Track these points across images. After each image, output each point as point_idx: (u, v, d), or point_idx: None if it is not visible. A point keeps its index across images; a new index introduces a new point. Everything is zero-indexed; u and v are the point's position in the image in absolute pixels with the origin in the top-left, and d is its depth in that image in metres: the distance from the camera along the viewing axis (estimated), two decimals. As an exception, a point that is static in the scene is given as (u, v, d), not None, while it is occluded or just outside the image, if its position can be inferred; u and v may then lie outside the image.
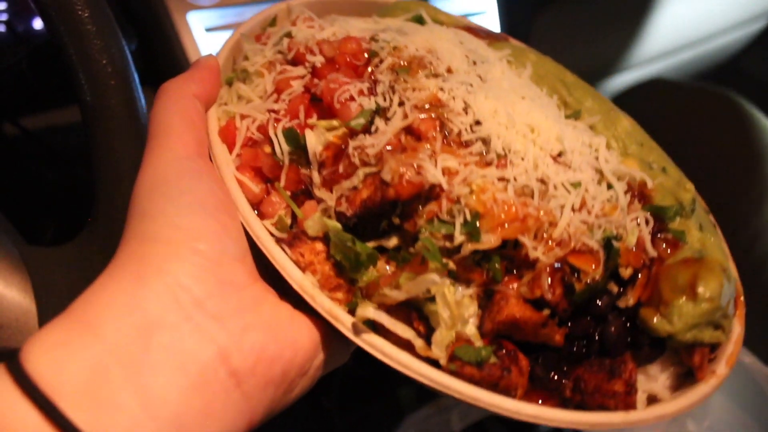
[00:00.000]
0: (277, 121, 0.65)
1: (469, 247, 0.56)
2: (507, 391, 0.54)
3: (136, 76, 0.73)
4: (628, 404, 0.55)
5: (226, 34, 1.18)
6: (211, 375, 0.49)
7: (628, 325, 0.59)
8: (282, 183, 0.63)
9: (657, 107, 1.40)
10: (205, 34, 1.19)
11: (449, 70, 0.67)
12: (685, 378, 0.60)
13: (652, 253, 0.61)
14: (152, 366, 0.47)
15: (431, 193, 0.57)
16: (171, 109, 0.61)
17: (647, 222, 0.63)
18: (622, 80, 1.89)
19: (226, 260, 0.54)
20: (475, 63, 0.71)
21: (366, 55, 0.68)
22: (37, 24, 1.16)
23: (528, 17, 1.55)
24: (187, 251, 0.52)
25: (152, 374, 0.47)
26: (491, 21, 1.46)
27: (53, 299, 0.68)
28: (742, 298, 0.64)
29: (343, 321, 0.55)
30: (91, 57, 0.68)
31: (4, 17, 1.14)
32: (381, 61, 0.67)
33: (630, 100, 1.46)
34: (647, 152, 0.72)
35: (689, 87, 1.48)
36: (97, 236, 0.72)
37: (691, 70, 2.13)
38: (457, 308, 0.55)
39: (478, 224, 0.56)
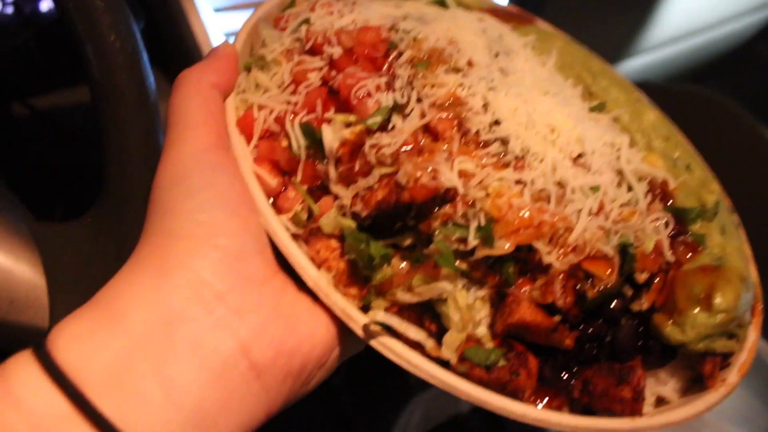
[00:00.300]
0: (295, 113, 0.64)
1: (482, 252, 0.56)
2: (515, 393, 0.55)
3: (145, 53, 0.72)
4: (635, 410, 0.56)
5: (233, 15, 1.17)
6: (232, 367, 0.51)
7: (641, 329, 0.59)
8: (299, 178, 0.63)
9: None
10: (213, 14, 1.18)
11: (470, 64, 0.66)
12: (696, 381, 0.61)
13: (670, 258, 0.60)
14: (175, 358, 0.49)
15: (447, 195, 0.57)
16: (190, 101, 0.62)
17: (667, 224, 0.62)
18: (634, 64, 1.85)
19: (246, 255, 0.55)
20: (497, 55, 0.69)
21: (385, 46, 0.67)
22: (44, 5, 1.17)
23: (537, 3, 1.51)
24: (207, 247, 0.53)
25: (176, 366, 0.48)
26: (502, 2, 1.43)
27: (62, 274, 0.70)
28: (760, 306, 0.63)
29: (356, 320, 0.56)
30: (99, 33, 0.67)
31: None
32: (400, 54, 0.66)
33: None
34: (673, 147, 0.70)
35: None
36: (106, 212, 0.73)
37: (704, 54, 2.06)
38: (468, 312, 0.56)
39: (492, 230, 0.56)
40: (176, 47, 1.17)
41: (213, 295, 0.52)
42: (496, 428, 1.20)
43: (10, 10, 1.13)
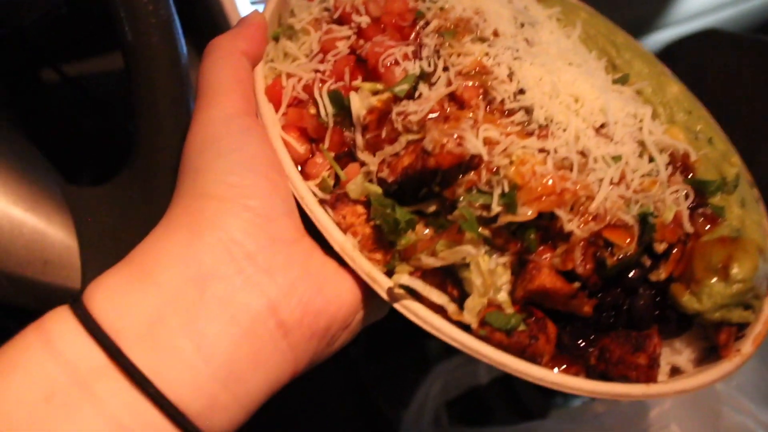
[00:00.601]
0: (323, 81, 0.66)
1: (505, 219, 0.57)
2: (533, 358, 0.57)
3: (176, 15, 0.73)
4: (650, 377, 0.57)
5: None
6: (261, 325, 0.53)
7: (658, 299, 0.61)
8: (326, 145, 0.64)
9: (711, 61, 1.34)
10: None
11: (495, 34, 0.67)
12: (710, 352, 0.62)
13: (689, 229, 0.61)
14: (206, 314, 0.51)
15: (471, 162, 0.58)
16: (220, 67, 0.63)
17: (687, 196, 0.63)
18: (668, 35, 1.81)
19: (275, 216, 0.56)
20: (522, 25, 0.70)
21: (412, 15, 0.68)
22: None
23: None
24: (238, 207, 0.55)
25: (206, 322, 0.50)
26: None
27: (94, 236, 0.72)
28: (777, 277, 0.64)
29: (380, 283, 0.58)
30: None
31: None
32: (427, 23, 0.66)
33: (681, 53, 1.40)
34: (695, 121, 0.71)
35: (747, 39, 1.40)
36: (137, 176, 0.74)
37: (740, 24, 2.02)
38: (490, 277, 0.58)
39: (515, 196, 0.57)
40: (204, 14, 1.17)
41: (243, 255, 0.53)
42: (513, 399, 1.22)
43: None
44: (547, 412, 1.23)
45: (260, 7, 1.16)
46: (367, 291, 0.60)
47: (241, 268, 0.53)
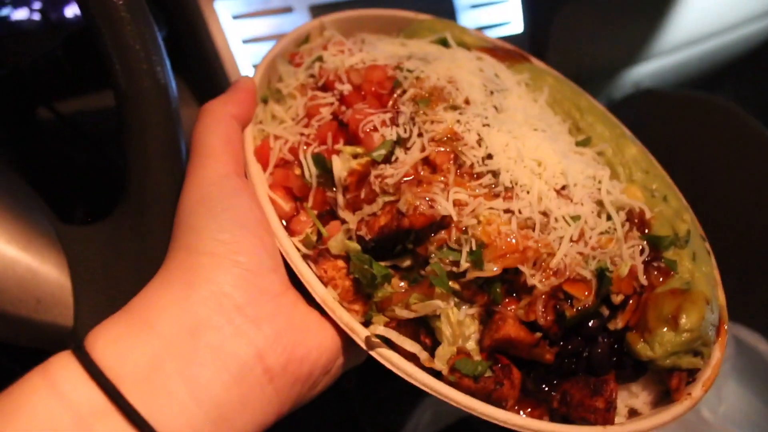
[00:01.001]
0: (307, 144, 0.71)
1: (473, 274, 0.62)
2: (499, 402, 0.62)
3: (167, 60, 0.76)
4: (607, 419, 0.62)
5: (252, 22, 1.23)
6: (249, 371, 0.57)
7: (615, 346, 0.66)
8: (310, 204, 0.70)
9: (648, 119, 1.43)
10: (232, 21, 1.23)
11: (467, 102, 0.73)
12: (665, 395, 0.67)
13: (644, 281, 0.66)
14: (200, 361, 0.55)
15: (442, 222, 0.64)
16: (212, 130, 0.69)
17: (642, 251, 0.68)
18: (646, 69, 1.89)
19: (263, 271, 0.62)
20: (492, 93, 0.76)
21: (390, 84, 0.74)
22: (69, 12, 1.21)
23: (551, 5, 1.57)
24: (229, 263, 0.60)
25: (200, 368, 0.55)
26: (514, 9, 1.49)
27: (86, 274, 0.73)
28: (725, 326, 0.69)
29: (358, 333, 0.63)
30: (124, 42, 0.70)
31: (38, 6, 1.19)
32: (404, 92, 0.72)
33: (623, 111, 1.50)
34: (651, 180, 0.77)
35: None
36: (128, 215, 0.76)
37: (718, 59, 2.10)
38: (459, 327, 0.63)
39: (482, 254, 0.62)
40: (196, 54, 1.21)
41: (233, 306, 0.58)
42: (503, 430, 1.25)
43: (37, 17, 1.18)
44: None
45: (251, 46, 1.21)
46: (346, 339, 0.65)
47: (230, 318, 0.58)
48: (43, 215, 0.76)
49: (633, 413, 0.66)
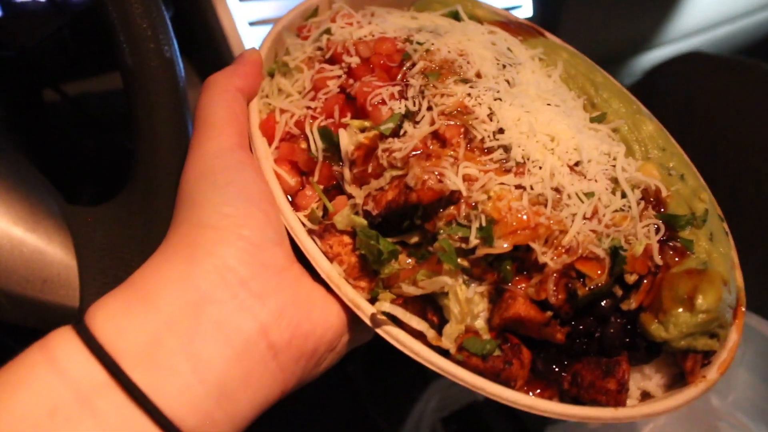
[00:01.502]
0: (314, 118, 0.70)
1: (482, 251, 0.60)
2: (507, 382, 0.60)
3: (175, 40, 0.76)
4: (619, 401, 0.60)
5: (258, 4, 1.21)
6: (253, 347, 0.56)
7: (628, 327, 0.64)
8: (316, 178, 0.68)
9: (694, 81, 1.38)
10: (238, 3, 1.22)
11: (478, 75, 0.71)
12: (679, 378, 0.65)
13: (659, 261, 0.64)
14: (202, 336, 0.54)
15: (452, 197, 0.62)
16: (216, 103, 0.67)
17: (658, 230, 0.66)
18: (659, 54, 1.85)
19: (267, 245, 0.60)
20: (504, 66, 0.74)
21: (400, 57, 0.72)
22: None
23: None
24: (233, 236, 0.58)
25: (202, 343, 0.54)
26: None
27: (93, 255, 0.73)
28: (743, 308, 0.67)
29: (363, 309, 0.61)
30: (131, 21, 0.70)
31: None
32: (413, 65, 0.70)
33: (666, 75, 1.44)
34: (668, 157, 0.74)
35: (728, 60, 1.44)
36: (135, 196, 0.76)
37: (730, 44, 2.05)
38: (467, 305, 0.61)
39: (492, 230, 0.60)
40: (203, 35, 1.20)
41: (237, 281, 0.57)
42: (510, 416, 1.24)
43: None
44: (544, 429, 1.25)
45: (258, 28, 1.20)
46: (352, 316, 0.64)
47: (234, 293, 0.57)
48: (50, 196, 0.76)
49: (646, 396, 0.65)
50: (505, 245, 0.60)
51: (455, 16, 0.83)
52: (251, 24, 1.23)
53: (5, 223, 0.69)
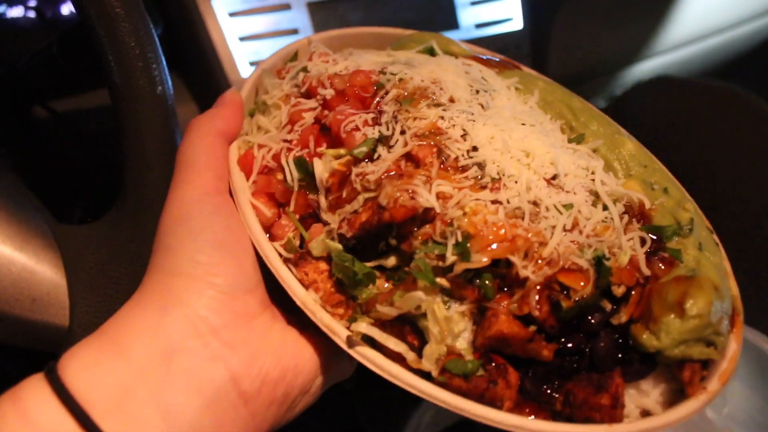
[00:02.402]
0: (290, 150, 0.70)
1: (460, 267, 0.59)
2: (493, 402, 0.57)
3: (163, 58, 0.76)
4: (614, 417, 0.57)
5: (248, 19, 1.24)
6: (223, 396, 0.56)
7: (620, 341, 0.61)
8: (291, 207, 0.68)
9: (663, 105, 1.38)
10: (228, 18, 1.25)
11: (451, 100, 0.71)
12: (679, 394, 0.61)
13: (646, 271, 0.62)
14: (173, 386, 0.54)
15: (426, 215, 0.61)
16: (197, 146, 0.68)
17: (643, 242, 0.64)
18: (650, 66, 1.86)
19: (239, 293, 0.60)
20: (478, 92, 0.74)
21: (374, 87, 0.73)
22: (65, 10, 1.24)
23: (552, 2, 1.56)
24: (204, 285, 0.58)
25: (172, 393, 0.53)
26: (515, 5, 1.50)
27: (82, 274, 0.73)
28: (740, 317, 0.64)
29: (339, 334, 0.59)
30: (119, 39, 0.70)
31: (33, 3, 1.23)
32: (387, 93, 0.71)
33: (633, 99, 1.45)
34: (650, 173, 0.73)
35: (695, 83, 1.45)
36: (125, 215, 0.76)
37: (720, 55, 2.06)
38: (447, 324, 0.59)
39: (468, 245, 0.59)
40: (193, 50, 1.23)
41: (208, 330, 0.57)
42: None
43: (32, 14, 1.21)
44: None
45: (248, 43, 1.21)
46: (327, 356, 0.63)
47: (206, 342, 0.57)
48: (39, 214, 0.76)
49: (645, 414, 0.60)
50: (484, 259, 0.58)
51: (430, 52, 0.85)
52: (242, 39, 1.26)
53: None
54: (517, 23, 1.49)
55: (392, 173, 0.64)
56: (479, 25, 1.38)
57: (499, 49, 0.87)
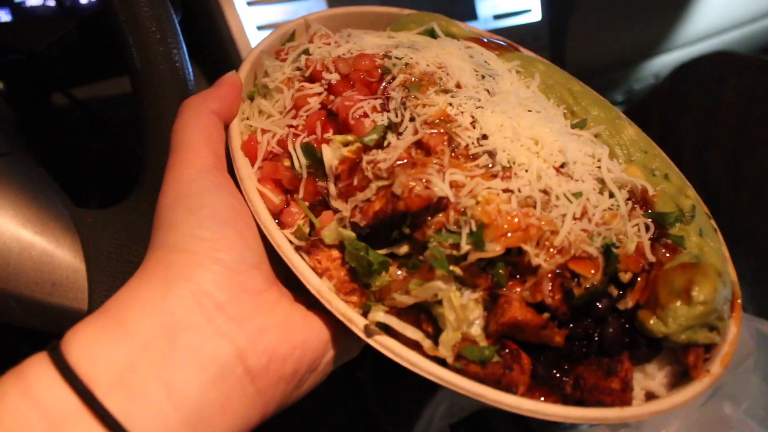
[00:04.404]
0: (296, 136, 0.69)
1: (474, 256, 0.59)
2: (509, 388, 0.58)
3: (183, 43, 0.76)
4: (624, 401, 0.59)
5: (267, 8, 1.23)
6: (229, 372, 0.55)
7: (627, 326, 0.63)
8: (301, 195, 0.67)
9: (723, 82, 1.36)
10: (247, 7, 1.24)
11: (458, 85, 0.71)
12: (682, 376, 0.63)
13: (651, 258, 0.64)
14: (177, 362, 0.53)
15: (439, 204, 0.61)
16: (191, 126, 0.67)
17: (647, 228, 0.66)
18: (669, 59, 1.85)
19: (244, 268, 0.59)
20: (483, 77, 0.74)
21: (379, 72, 0.72)
22: None
23: None
24: (208, 260, 0.57)
25: (176, 370, 0.53)
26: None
27: (101, 259, 0.73)
28: (739, 301, 0.66)
29: (356, 323, 0.60)
30: (140, 24, 0.70)
31: None
32: (393, 78, 0.71)
33: (691, 75, 1.42)
34: (651, 159, 0.75)
35: (755, 59, 1.43)
36: (144, 199, 0.76)
37: (742, 49, 2.08)
38: (463, 311, 0.59)
39: (483, 234, 0.59)
40: (211, 39, 1.22)
41: (213, 305, 0.56)
42: (519, 422, 1.22)
43: (51, 3, 1.20)
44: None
45: (266, 32, 1.21)
46: (335, 333, 0.63)
47: (210, 317, 0.56)
48: (59, 199, 0.76)
49: (650, 397, 0.63)
50: (498, 248, 0.59)
51: (431, 34, 0.84)
52: (259, 28, 1.25)
53: (14, 225, 0.69)
54: (535, 14, 1.48)
55: (404, 161, 0.63)
56: (497, 16, 1.37)
57: (517, 40, 0.87)
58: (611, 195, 0.67)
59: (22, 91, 1.03)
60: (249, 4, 1.21)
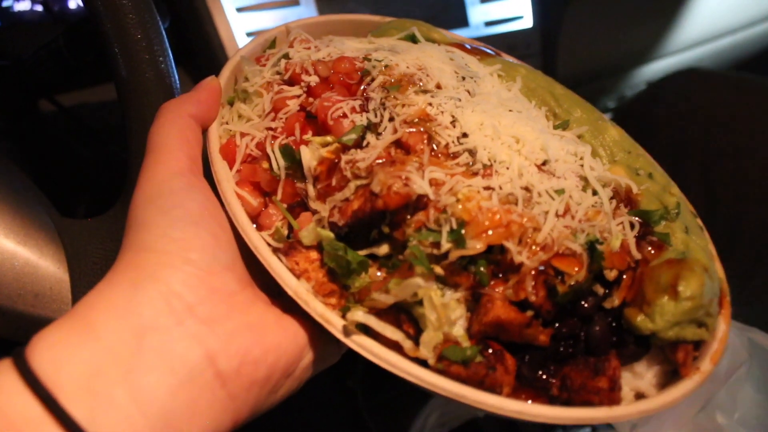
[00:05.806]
0: (275, 138, 0.68)
1: (455, 254, 0.58)
2: (493, 389, 0.56)
3: (170, 51, 0.75)
4: (612, 400, 0.57)
5: (256, 14, 1.23)
6: (198, 376, 0.53)
7: (614, 324, 0.61)
8: (279, 196, 0.66)
9: (693, 97, 1.38)
10: (236, 14, 1.24)
11: (438, 86, 0.70)
12: (672, 376, 0.62)
13: (637, 255, 0.62)
14: (144, 366, 0.51)
15: (419, 203, 0.60)
16: (168, 128, 0.66)
17: (633, 226, 0.65)
18: (660, 66, 1.86)
19: (216, 269, 0.58)
20: (464, 79, 0.74)
21: (359, 74, 0.72)
22: (72, 3, 1.24)
23: (561, 3, 1.56)
24: (179, 260, 0.56)
25: (143, 373, 0.51)
26: (524, 3, 1.49)
27: (85, 269, 0.72)
28: (727, 298, 0.65)
29: (334, 324, 0.58)
30: (126, 31, 0.70)
31: None
32: (373, 80, 0.70)
33: (663, 91, 1.44)
34: (634, 159, 0.74)
35: (724, 76, 1.45)
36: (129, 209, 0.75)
37: (730, 57, 2.08)
38: (444, 310, 0.58)
39: (463, 232, 0.58)
40: (200, 46, 1.22)
41: (183, 307, 0.54)
42: (511, 431, 1.19)
43: (39, 8, 1.20)
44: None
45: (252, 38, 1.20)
46: (312, 337, 0.61)
47: (180, 319, 0.54)
48: (43, 208, 0.74)
49: (640, 397, 0.61)
50: (479, 245, 0.58)
51: (412, 39, 0.84)
52: (249, 35, 1.24)
53: None
54: (527, 21, 1.48)
55: (383, 160, 0.62)
56: (489, 23, 1.37)
57: (508, 47, 0.87)
58: (594, 193, 0.66)
59: (7, 98, 1.03)
60: (239, 10, 1.21)
